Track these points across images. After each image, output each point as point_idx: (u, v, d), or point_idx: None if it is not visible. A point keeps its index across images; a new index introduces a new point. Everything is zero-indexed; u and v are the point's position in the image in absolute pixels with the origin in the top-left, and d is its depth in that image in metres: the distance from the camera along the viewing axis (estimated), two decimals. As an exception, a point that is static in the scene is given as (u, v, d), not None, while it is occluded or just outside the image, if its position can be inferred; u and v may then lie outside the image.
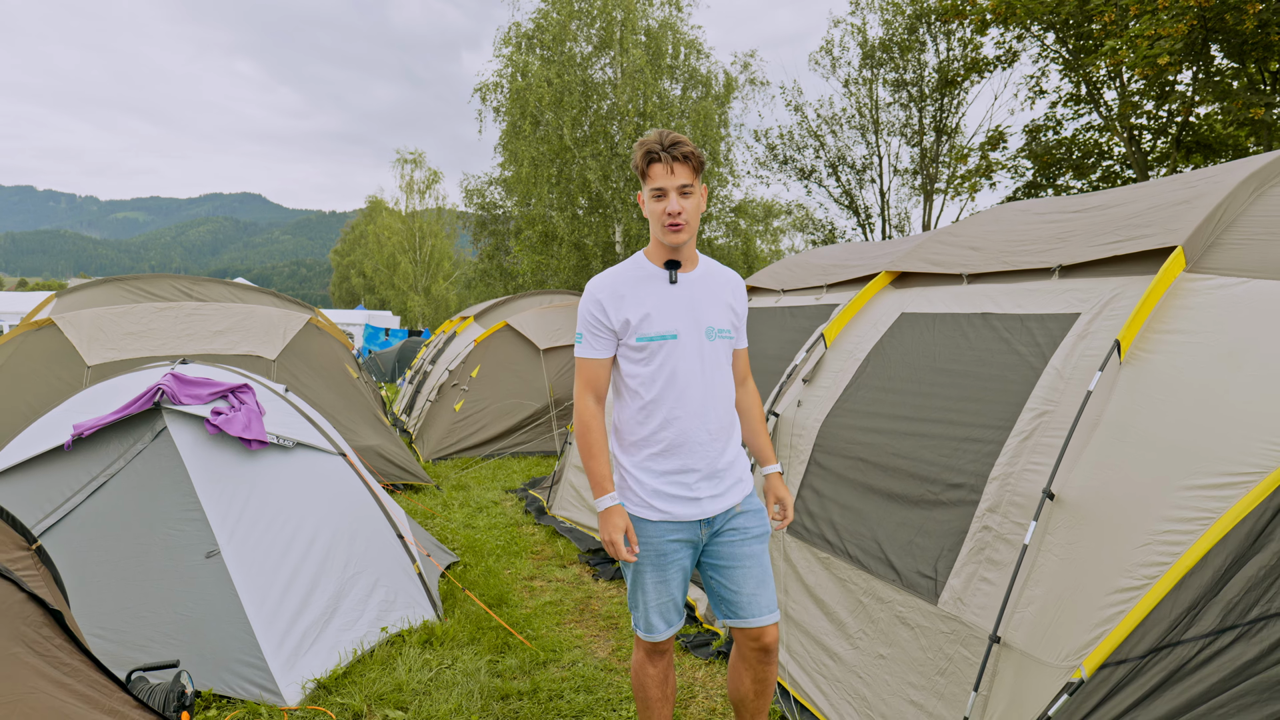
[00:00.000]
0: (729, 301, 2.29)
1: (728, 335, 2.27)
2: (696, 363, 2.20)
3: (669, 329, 2.19)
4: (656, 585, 2.25)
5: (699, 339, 2.21)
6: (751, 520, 2.30)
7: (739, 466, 2.32)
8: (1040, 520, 2.31)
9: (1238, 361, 2.18)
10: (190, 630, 3.12)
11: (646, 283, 2.22)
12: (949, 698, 2.37)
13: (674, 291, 2.21)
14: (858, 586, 2.87)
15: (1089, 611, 2.12)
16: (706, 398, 2.21)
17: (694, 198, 2.16)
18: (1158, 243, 2.62)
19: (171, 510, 3.34)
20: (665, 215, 2.12)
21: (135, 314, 6.88)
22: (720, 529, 2.27)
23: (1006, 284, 3.17)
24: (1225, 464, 2.05)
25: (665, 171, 2.10)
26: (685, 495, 2.21)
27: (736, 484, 2.29)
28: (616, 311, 2.20)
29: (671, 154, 2.09)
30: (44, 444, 3.38)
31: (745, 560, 2.25)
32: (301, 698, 3.03)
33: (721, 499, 2.25)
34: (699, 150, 2.15)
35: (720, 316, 2.26)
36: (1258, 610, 2.52)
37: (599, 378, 2.26)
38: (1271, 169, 2.77)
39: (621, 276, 2.24)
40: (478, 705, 2.95)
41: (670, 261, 2.22)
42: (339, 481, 3.81)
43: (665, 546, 2.23)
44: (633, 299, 2.20)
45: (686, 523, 2.23)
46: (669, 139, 2.10)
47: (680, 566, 2.26)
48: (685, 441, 2.20)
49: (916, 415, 3.02)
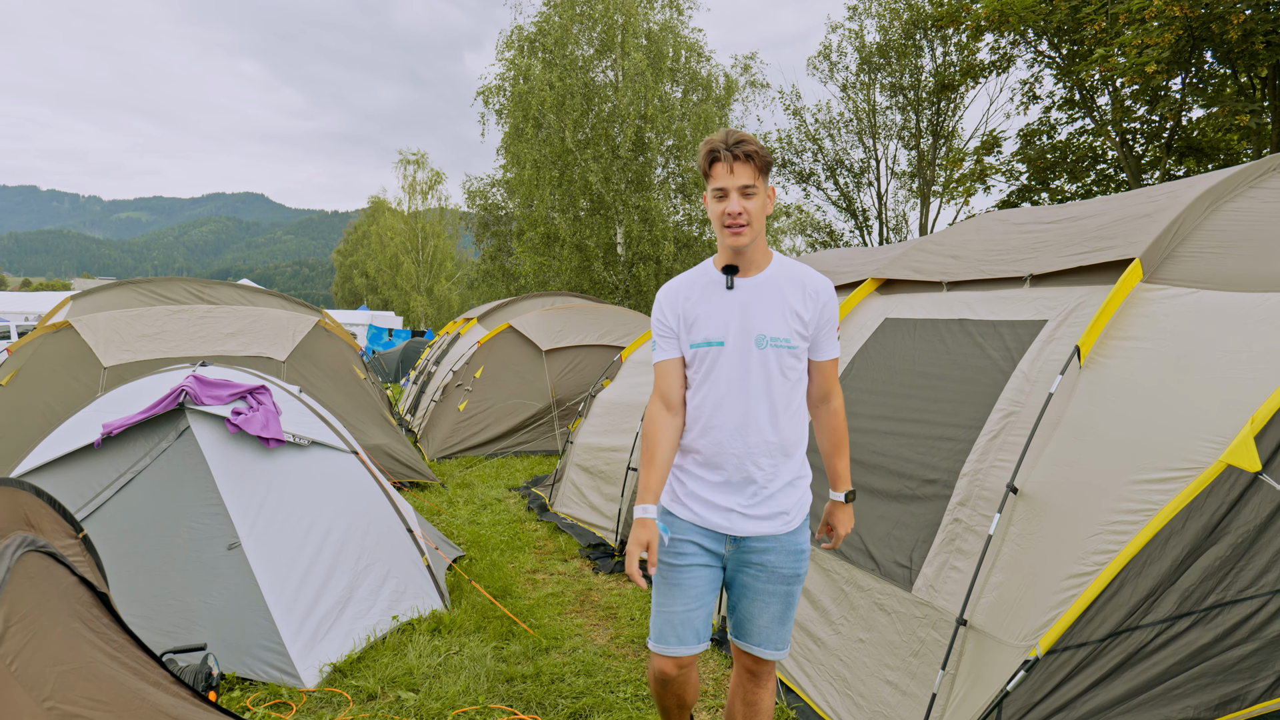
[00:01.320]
0: (794, 307, 2.12)
1: (785, 344, 2.11)
2: (739, 372, 2.10)
3: (715, 335, 2.12)
4: (669, 589, 2.16)
5: (746, 347, 2.10)
6: (784, 560, 2.15)
7: (789, 495, 2.16)
8: (1004, 512, 2.50)
9: (1185, 366, 2.37)
10: (214, 617, 3.32)
11: (706, 288, 2.17)
12: (920, 677, 2.56)
13: (728, 297, 2.13)
14: (840, 576, 3.07)
15: (1045, 595, 2.31)
16: (749, 410, 2.10)
17: (757, 198, 2.06)
18: (1118, 254, 2.82)
19: (195, 505, 3.54)
20: (725, 216, 2.05)
21: (149, 317, 7.08)
22: (748, 558, 2.16)
23: (983, 291, 3.36)
24: (1170, 460, 2.24)
25: (726, 171, 2.02)
26: (718, 504, 2.13)
27: (779, 514, 2.14)
28: (675, 315, 2.17)
29: (734, 152, 2.01)
30: (75, 442, 3.58)
31: (765, 597, 2.16)
32: (319, 680, 3.23)
33: (755, 522, 2.13)
34: (765, 149, 2.06)
35: (777, 324, 2.11)
36: (1213, 598, 2.72)
37: (667, 380, 2.19)
38: (1225, 185, 2.96)
39: (687, 281, 2.21)
40: (484, 687, 3.15)
41: (728, 266, 2.14)
42: (352, 478, 4.01)
43: (685, 546, 2.15)
44: (690, 304, 2.16)
45: (713, 531, 2.15)
46: (734, 137, 2.03)
47: (697, 576, 2.15)
48: (721, 453, 2.11)
49: (896, 415, 3.21)
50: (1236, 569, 2.69)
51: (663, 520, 2.20)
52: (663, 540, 2.17)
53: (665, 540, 2.20)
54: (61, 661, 1.68)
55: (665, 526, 2.20)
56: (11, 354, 6.51)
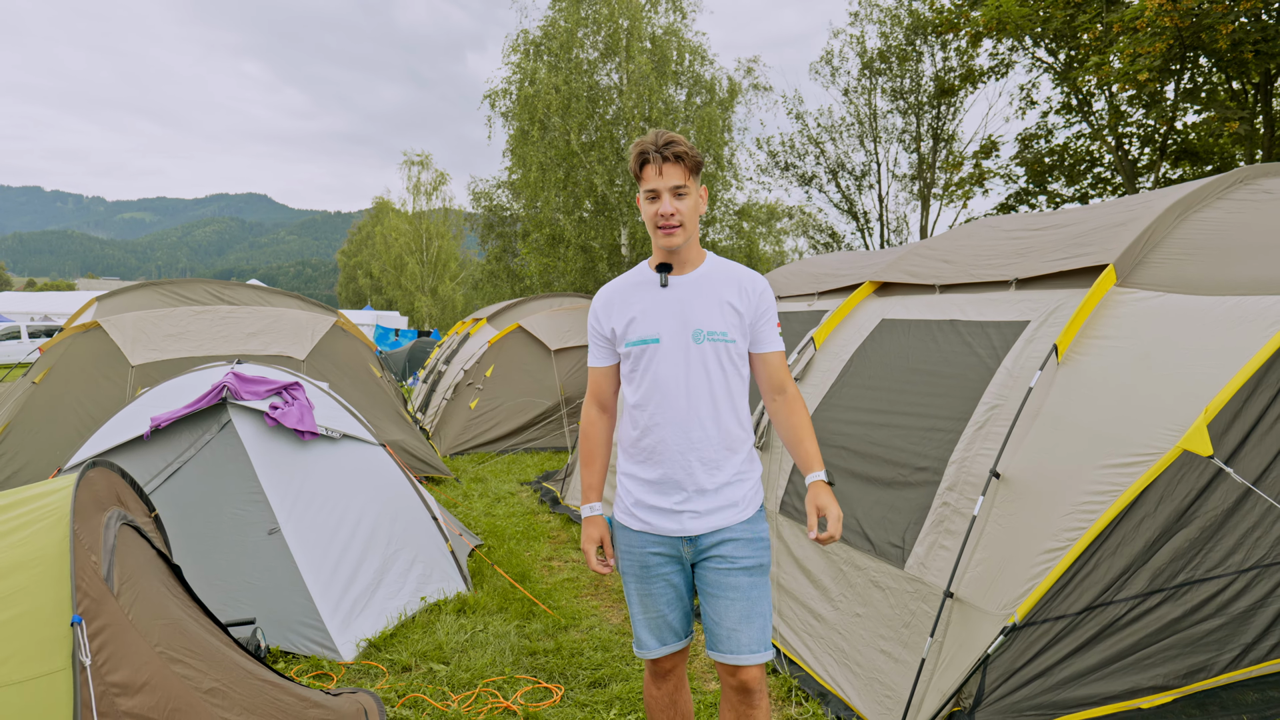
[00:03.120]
0: (729, 301, 2.12)
1: (722, 338, 2.10)
2: (680, 368, 2.08)
3: (651, 333, 2.10)
4: (642, 599, 2.16)
5: (684, 343, 2.09)
6: (742, 550, 2.10)
7: (737, 488, 2.13)
8: (987, 496, 2.75)
9: (1149, 363, 2.62)
10: (257, 596, 3.58)
11: (640, 288, 2.17)
12: (911, 645, 2.81)
13: (663, 295, 2.13)
14: (839, 557, 3.32)
15: (1022, 569, 2.56)
16: (690, 405, 2.08)
17: (689, 199, 2.07)
18: (1094, 260, 3.06)
19: (237, 493, 3.79)
20: (658, 217, 2.06)
21: (174, 317, 7.34)
22: (706, 552, 2.12)
23: (972, 294, 3.60)
24: (1133, 446, 2.49)
25: (655, 173, 2.04)
26: (665, 507, 2.10)
27: (729, 507, 2.11)
28: (608, 319, 2.17)
29: (663, 154, 2.02)
30: (126, 434, 3.84)
31: (728, 591, 2.08)
32: (356, 654, 3.49)
33: (705, 518, 2.10)
34: (694, 150, 2.08)
35: (714, 318, 2.10)
36: (1183, 576, 2.98)
37: (601, 386, 2.24)
38: (1195, 196, 3.21)
39: (620, 284, 2.22)
40: (510, 660, 3.41)
41: (661, 265, 2.14)
42: (380, 469, 4.27)
43: (648, 559, 2.14)
44: (623, 305, 2.16)
45: (668, 537, 2.12)
46: (663, 139, 2.03)
47: (667, 582, 2.15)
48: (664, 450, 2.09)
49: (891, 409, 3.46)
50: (1205, 550, 2.95)
51: (618, 533, 2.20)
52: (624, 551, 2.18)
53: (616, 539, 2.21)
54: (160, 616, 1.94)
55: (621, 538, 2.20)
56: (44, 353, 6.77)
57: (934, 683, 2.64)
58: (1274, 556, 3.09)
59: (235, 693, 2.02)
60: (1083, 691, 2.78)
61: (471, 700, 3.07)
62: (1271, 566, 3.10)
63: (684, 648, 2.22)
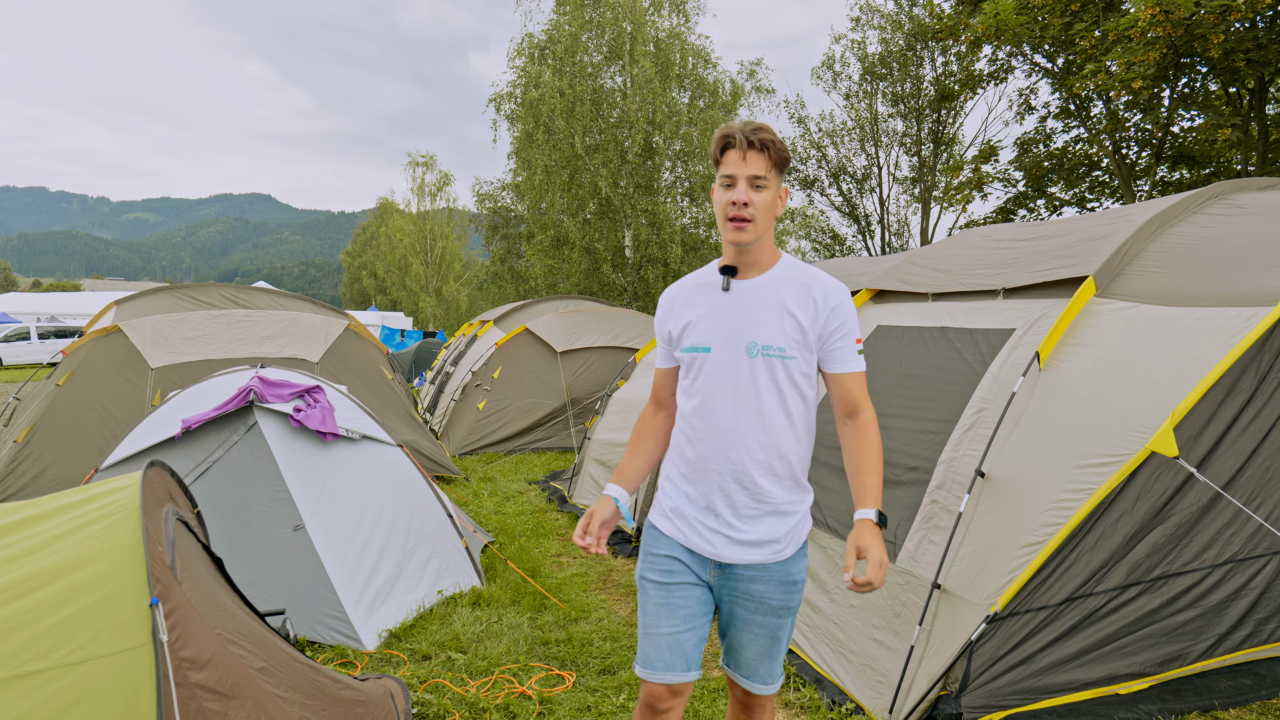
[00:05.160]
0: (791, 311, 1.92)
1: (779, 354, 1.91)
2: (728, 382, 1.92)
3: (703, 341, 1.96)
4: (658, 608, 1.98)
5: (736, 355, 1.92)
6: (775, 592, 1.96)
7: (778, 523, 1.95)
8: (973, 493, 2.94)
9: (1124, 369, 2.81)
10: (284, 589, 3.78)
11: (702, 290, 2.02)
12: (901, 633, 3.00)
13: (723, 300, 1.96)
14: (835, 552, 3.51)
15: (1004, 561, 2.75)
16: (735, 423, 1.92)
17: (768, 193, 1.88)
18: (1076, 272, 3.25)
19: (263, 491, 3.99)
20: (729, 206, 1.87)
21: (191, 321, 7.55)
22: (735, 585, 1.98)
23: (962, 302, 3.79)
24: (1106, 448, 2.67)
25: (739, 158, 1.86)
26: (700, 522, 1.96)
27: (767, 543, 1.93)
28: (668, 320, 2.06)
29: (750, 139, 1.85)
30: (158, 435, 4.04)
31: (753, 627, 1.99)
32: (378, 644, 3.69)
33: (738, 548, 1.94)
34: (783, 143, 1.90)
35: (772, 331, 1.91)
36: (1160, 570, 3.16)
37: (660, 389, 2.13)
38: (1172, 211, 3.39)
39: (685, 284, 2.08)
40: (524, 649, 3.60)
41: (726, 267, 1.98)
42: (398, 469, 4.46)
43: (673, 564, 1.99)
44: (684, 307, 2.03)
45: (695, 554, 1.99)
46: (751, 125, 1.88)
47: (689, 596, 1.98)
48: (703, 467, 1.95)
49: (886, 412, 3.65)
50: (1181, 546, 3.13)
51: (648, 534, 2.07)
52: (650, 553, 2.05)
53: (629, 525, 2.10)
54: (213, 603, 2.14)
55: (650, 539, 2.08)
56: (67, 356, 6.98)
57: (922, 668, 2.83)
58: (1247, 552, 3.27)
59: (280, 673, 2.22)
60: (1063, 678, 2.96)
61: (489, 686, 3.27)
62: (1244, 561, 3.28)
63: (689, 685, 1.98)
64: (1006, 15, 10.83)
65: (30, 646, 1.54)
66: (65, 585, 1.66)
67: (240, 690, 1.85)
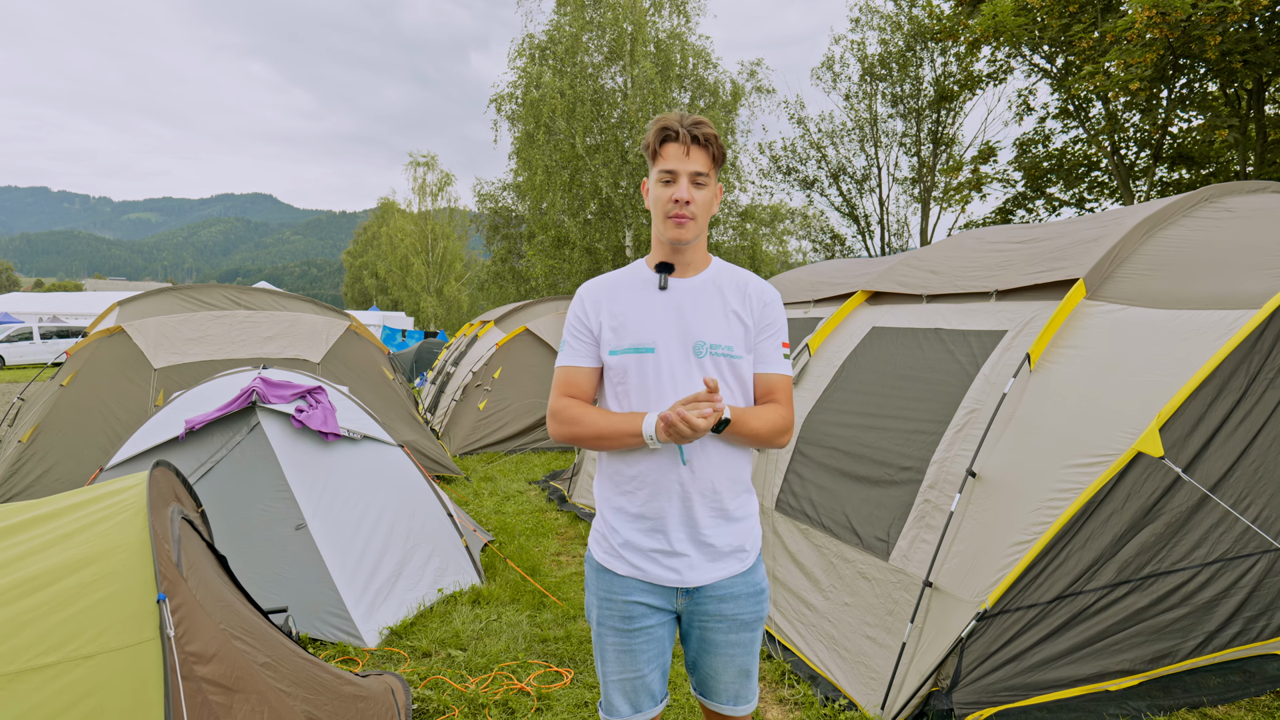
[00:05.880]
0: (734, 309, 1.85)
1: (727, 353, 1.82)
2: (673, 385, 1.80)
3: (644, 341, 1.82)
4: (619, 655, 1.87)
5: (683, 356, 1.81)
6: (746, 606, 1.87)
7: (741, 529, 1.87)
8: (964, 493, 2.98)
9: (1112, 371, 2.85)
10: (286, 587, 3.83)
11: (635, 288, 1.89)
12: (893, 630, 3.05)
13: (661, 299, 1.85)
14: (830, 550, 3.55)
15: (994, 559, 2.79)
16: None
17: (707, 190, 1.81)
18: (1067, 275, 3.29)
19: (266, 490, 4.04)
20: (671, 203, 1.78)
21: (194, 321, 7.60)
22: (706, 608, 1.86)
23: (956, 304, 3.84)
24: (1094, 448, 2.72)
25: (681, 153, 1.77)
26: (661, 550, 1.82)
27: (736, 553, 1.86)
28: (595, 314, 1.88)
29: (692, 133, 1.77)
30: (162, 435, 4.09)
31: (729, 649, 1.88)
32: (379, 641, 3.74)
33: (706, 568, 1.83)
34: (721, 139, 1.83)
35: (718, 330, 1.83)
36: (1149, 569, 3.21)
37: (580, 388, 1.88)
38: (1162, 214, 3.43)
39: (610, 280, 1.94)
40: (523, 646, 3.65)
41: (662, 264, 1.87)
42: (398, 468, 4.51)
43: (633, 609, 1.85)
44: (615, 304, 1.88)
45: (661, 586, 1.84)
46: (690, 118, 1.79)
47: (652, 637, 1.87)
48: (656, 482, 1.80)
49: (879, 412, 3.69)
50: (1170, 545, 3.17)
51: (598, 576, 1.91)
52: (605, 599, 1.89)
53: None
54: (218, 599, 2.19)
55: (601, 582, 1.90)
56: (71, 356, 7.04)
57: (914, 664, 2.88)
58: (1236, 551, 3.31)
59: (284, 668, 2.27)
60: (1054, 674, 3.00)
61: (488, 682, 3.32)
62: (1234, 560, 3.32)
63: (657, 715, 1.95)
64: (1005, 17, 10.89)
65: (42, 641, 1.59)
66: (75, 581, 1.71)
67: (244, 684, 1.89)
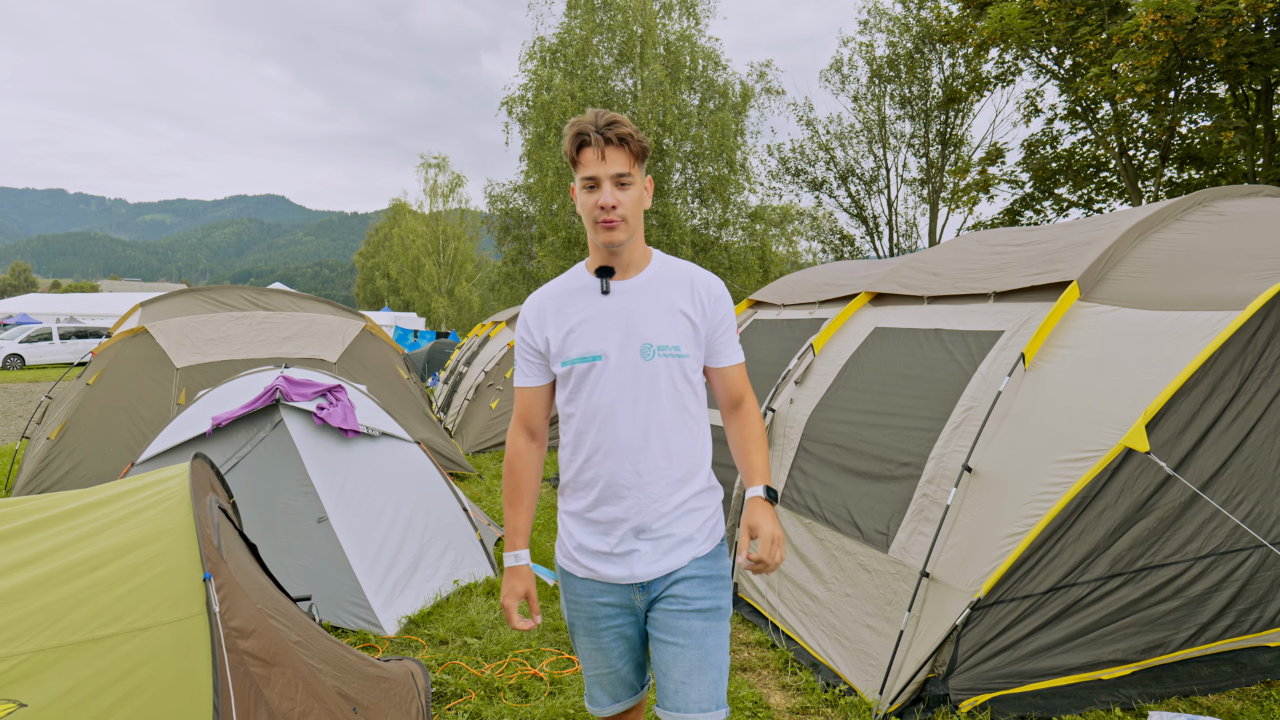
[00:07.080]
0: (680, 307, 1.84)
1: (675, 353, 1.82)
2: (627, 390, 1.80)
3: (593, 349, 1.81)
4: (591, 653, 1.94)
5: (633, 359, 1.80)
6: (698, 590, 1.84)
7: (689, 522, 1.86)
8: (960, 487, 3.10)
9: (1102, 370, 2.97)
10: (309, 577, 3.99)
11: (577, 296, 1.86)
12: (892, 619, 3.17)
13: (606, 304, 1.83)
14: (832, 544, 3.68)
15: (987, 551, 2.91)
16: (640, 432, 1.80)
17: (633, 189, 1.78)
18: (1061, 277, 3.40)
19: (289, 485, 4.21)
20: (597, 210, 1.75)
21: (215, 322, 7.80)
22: (659, 595, 1.86)
23: (956, 305, 3.95)
24: (1083, 444, 2.83)
25: (597, 157, 1.74)
26: (611, 551, 1.84)
27: (684, 543, 1.85)
28: (541, 330, 1.87)
29: (605, 135, 1.73)
30: (190, 432, 4.26)
31: (679, 637, 1.82)
32: (398, 629, 3.89)
33: (658, 561, 1.84)
34: (640, 134, 1.80)
35: (666, 330, 1.82)
36: (1142, 562, 3.32)
37: (531, 410, 1.94)
38: (1155, 218, 3.54)
39: (553, 289, 1.91)
40: (535, 634, 3.79)
41: (602, 268, 1.84)
42: (415, 465, 4.67)
43: (596, 610, 1.90)
44: (559, 315, 1.86)
45: (617, 585, 1.87)
46: (604, 119, 1.75)
47: (618, 634, 1.91)
48: (610, 484, 1.82)
49: (880, 410, 3.81)
50: (1163, 539, 3.28)
51: (563, 579, 1.97)
52: (570, 600, 1.95)
53: (550, 580, 2.00)
54: (254, 582, 2.34)
55: (566, 584, 1.97)
56: (96, 356, 7.25)
57: (911, 652, 3.00)
58: (1229, 545, 3.41)
59: (313, 646, 2.41)
60: (1048, 663, 3.12)
61: (503, 668, 3.46)
62: (1226, 554, 3.42)
63: (639, 702, 2.02)
64: (1012, 19, 10.96)
65: (101, 614, 1.74)
66: (129, 561, 1.87)
67: (280, 659, 2.04)
